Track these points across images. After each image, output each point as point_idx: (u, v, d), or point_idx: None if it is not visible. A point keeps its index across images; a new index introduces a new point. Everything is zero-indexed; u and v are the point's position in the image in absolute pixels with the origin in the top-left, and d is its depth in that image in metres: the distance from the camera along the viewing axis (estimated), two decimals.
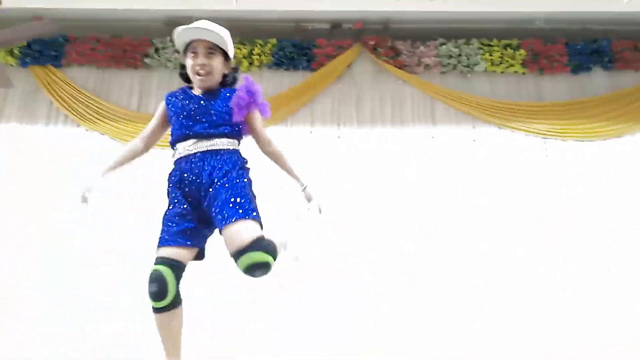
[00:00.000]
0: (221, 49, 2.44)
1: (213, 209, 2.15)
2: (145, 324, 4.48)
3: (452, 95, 5.68)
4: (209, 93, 2.43)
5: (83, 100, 5.71)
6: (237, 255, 2.07)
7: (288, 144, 5.56)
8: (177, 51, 5.78)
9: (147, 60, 5.84)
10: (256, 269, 2.07)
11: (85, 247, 5.23)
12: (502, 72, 5.79)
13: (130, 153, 2.48)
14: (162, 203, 2.45)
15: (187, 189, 2.26)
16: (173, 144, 2.37)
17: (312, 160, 5.55)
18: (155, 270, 2.15)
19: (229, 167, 2.24)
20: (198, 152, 2.26)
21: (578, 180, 5.38)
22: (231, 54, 2.51)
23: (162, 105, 2.52)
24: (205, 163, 2.25)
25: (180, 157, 2.29)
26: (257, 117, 2.46)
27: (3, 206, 5.42)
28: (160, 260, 2.17)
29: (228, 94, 2.44)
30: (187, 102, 2.39)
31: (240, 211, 2.12)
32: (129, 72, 5.92)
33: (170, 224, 2.24)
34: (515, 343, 4.27)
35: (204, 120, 2.32)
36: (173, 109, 2.42)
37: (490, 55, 5.71)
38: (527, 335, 4.49)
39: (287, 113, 5.70)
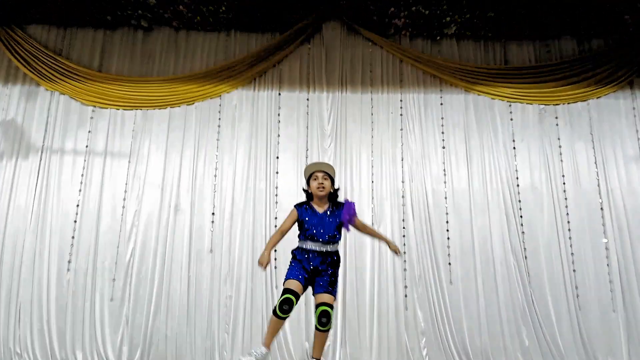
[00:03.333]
0: (330, 175, 3.81)
1: (317, 282, 3.63)
2: None
3: (421, 58, 5.65)
4: (327, 211, 3.76)
5: (44, 59, 5.55)
6: (319, 306, 3.55)
7: (255, 107, 5.56)
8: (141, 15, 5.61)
9: (109, 18, 5.66)
10: (325, 316, 3.52)
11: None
12: (469, 35, 5.75)
13: (276, 242, 3.78)
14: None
15: (309, 266, 3.64)
16: (305, 238, 3.70)
17: (281, 123, 5.52)
18: (287, 297, 3.49)
19: (334, 267, 3.69)
20: (322, 250, 3.66)
21: (541, 144, 5.45)
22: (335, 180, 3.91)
23: (294, 212, 3.77)
24: (324, 258, 3.65)
25: (312, 250, 3.66)
26: (358, 220, 3.79)
27: None
28: (289, 291, 3.51)
29: (337, 212, 3.75)
30: (315, 215, 3.73)
31: (331, 290, 3.61)
32: (90, 30, 5.75)
33: (295, 269, 3.64)
34: None
35: (326, 232, 3.68)
36: (307, 218, 3.73)
37: (460, 17, 5.65)
38: None
39: (254, 75, 5.61)
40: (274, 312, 3.51)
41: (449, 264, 5.11)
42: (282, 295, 3.52)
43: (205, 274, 5.07)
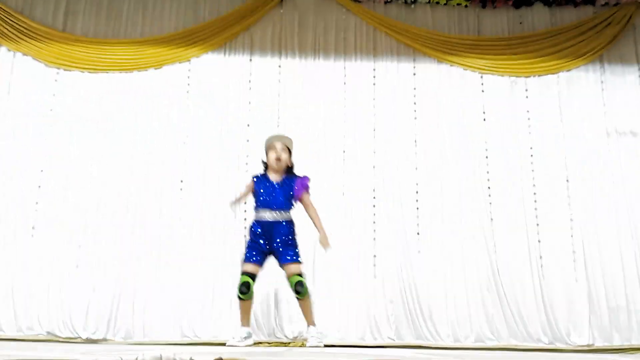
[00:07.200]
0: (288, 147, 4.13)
1: (279, 253, 3.93)
2: None
3: (395, 26, 5.58)
4: (280, 181, 4.04)
5: (4, 17, 5.30)
6: (290, 277, 3.88)
7: (225, 72, 5.44)
8: None
9: None
10: (300, 285, 3.84)
11: None
12: (444, 4, 5.69)
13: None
14: None
15: (263, 237, 3.96)
16: (257, 207, 4.03)
17: (252, 90, 5.43)
18: (243, 280, 3.88)
19: (289, 232, 3.97)
20: (273, 221, 3.95)
21: (512, 116, 5.48)
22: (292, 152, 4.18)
23: (250, 183, 4.14)
24: (277, 227, 3.95)
25: (264, 221, 3.96)
26: (306, 197, 4.07)
27: None
28: (245, 273, 3.90)
29: (289, 182, 4.04)
30: (268, 185, 4.03)
31: (295, 258, 3.93)
32: None
33: (250, 250, 3.96)
34: None
35: (275, 200, 3.97)
36: (260, 188, 4.05)
37: None
38: None
39: (224, 39, 5.47)
40: (237, 296, 3.92)
41: (418, 233, 5.16)
42: (240, 278, 3.91)
43: (175, 242, 5.02)
